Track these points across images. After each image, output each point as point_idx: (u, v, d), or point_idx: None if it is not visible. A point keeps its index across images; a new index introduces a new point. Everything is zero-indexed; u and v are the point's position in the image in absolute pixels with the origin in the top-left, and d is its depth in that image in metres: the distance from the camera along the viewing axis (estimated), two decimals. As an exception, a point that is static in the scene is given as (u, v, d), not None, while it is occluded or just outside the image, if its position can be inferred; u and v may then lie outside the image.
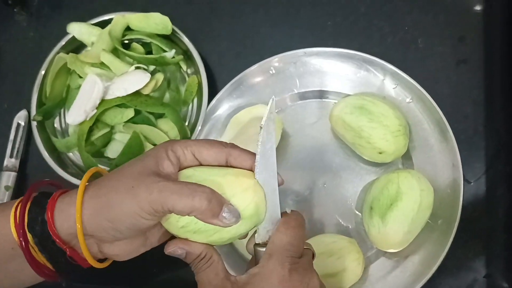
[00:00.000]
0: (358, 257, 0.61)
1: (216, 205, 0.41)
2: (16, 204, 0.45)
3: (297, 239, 0.45)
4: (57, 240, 0.43)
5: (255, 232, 0.46)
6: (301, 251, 0.46)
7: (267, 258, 0.44)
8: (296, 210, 0.48)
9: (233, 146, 0.46)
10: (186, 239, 0.44)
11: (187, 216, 0.42)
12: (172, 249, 0.44)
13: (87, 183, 0.45)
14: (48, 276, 0.46)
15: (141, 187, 0.41)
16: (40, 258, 0.44)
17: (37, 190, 0.47)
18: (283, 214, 0.46)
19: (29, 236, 0.43)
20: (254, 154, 0.44)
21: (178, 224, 0.43)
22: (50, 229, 0.43)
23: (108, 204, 0.42)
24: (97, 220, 0.43)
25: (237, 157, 0.45)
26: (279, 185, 0.46)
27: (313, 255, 0.49)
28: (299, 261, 0.45)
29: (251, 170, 0.44)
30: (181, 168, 0.45)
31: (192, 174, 0.44)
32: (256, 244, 0.46)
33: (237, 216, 0.42)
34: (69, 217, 0.43)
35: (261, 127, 0.43)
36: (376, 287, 0.63)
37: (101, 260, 0.47)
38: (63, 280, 0.47)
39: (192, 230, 0.43)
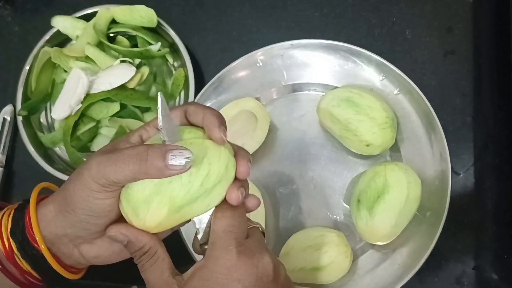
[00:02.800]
0: (346, 250, 0.61)
1: (156, 158, 0.38)
2: (2, 213, 0.44)
3: (236, 219, 0.41)
4: (35, 245, 0.42)
5: (196, 233, 0.43)
6: (245, 230, 0.42)
7: (210, 248, 0.41)
8: None
9: (189, 103, 0.44)
10: (127, 224, 0.41)
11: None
12: (113, 233, 0.41)
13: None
14: (31, 284, 0.45)
15: (84, 168, 0.40)
16: (25, 266, 0.43)
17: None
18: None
19: (12, 243, 0.43)
20: (205, 110, 0.42)
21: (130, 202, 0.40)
22: (29, 233, 0.42)
23: (65, 197, 0.41)
24: (62, 217, 0.42)
25: (192, 113, 0.43)
26: (241, 178, 0.42)
27: (263, 233, 0.46)
28: (245, 242, 0.41)
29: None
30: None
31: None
32: (202, 244, 0.43)
33: (187, 155, 0.38)
34: (48, 219, 0.43)
35: (159, 129, 0.40)
36: (365, 280, 0.63)
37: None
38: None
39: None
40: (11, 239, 0.43)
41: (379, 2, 0.73)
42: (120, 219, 0.42)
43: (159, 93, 0.41)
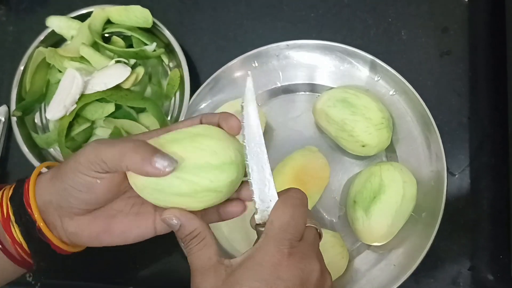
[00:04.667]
0: (342, 251, 0.61)
1: (145, 154, 0.40)
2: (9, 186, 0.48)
3: (296, 218, 0.42)
4: (29, 210, 0.45)
5: (255, 212, 0.44)
6: (302, 231, 0.43)
7: (263, 239, 0.41)
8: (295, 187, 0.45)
9: (203, 114, 0.47)
10: (180, 209, 0.43)
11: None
12: (167, 215, 0.43)
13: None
14: (22, 261, 0.47)
15: (80, 150, 0.43)
16: (17, 235, 0.46)
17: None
18: (281, 193, 0.44)
19: (10, 208, 0.46)
20: (219, 114, 0.46)
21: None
22: (25, 199, 0.45)
23: (59, 169, 0.45)
24: (51, 184, 0.45)
25: (207, 117, 0.46)
26: (237, 131, 0.45)
27: (320, 235, 0.46)
28: (298, 245, 0.42)
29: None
30: None
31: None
32: (257, 225, 0.44)
33: (170, 161, 0.40)
34: (41, 186, 0.46)
35: (242, 106, 0.43)
36: (361, 281, 0.63)
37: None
38: (35, 267, 0.48)
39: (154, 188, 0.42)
40: (9, 205, 0.46)
41: (375, 2, 0.73)
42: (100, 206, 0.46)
43: (248, 72, 0.44)
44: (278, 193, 0.44)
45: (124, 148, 0.41)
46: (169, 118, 0.70)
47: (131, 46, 0.69)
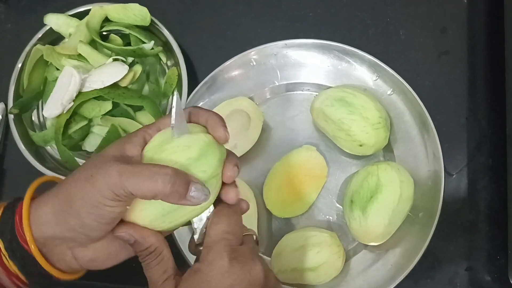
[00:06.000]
0: (338, 250, 0.61)
1: (181, 186, 0.39)
2: None
3: (232, 226, 0.43)
4: (25, 245, 0.42)
5: (193, 233, 0.44)
6: (240, 236, 0.43)
7: (205, 252, 0.42)
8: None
9: (192, 107, 0.45)
10: (135, 225, 0.41)
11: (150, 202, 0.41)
12: (121, 233, 0.41)
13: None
14: None
15: (100, 173, 0.39)
16: (12, 267, 0.42)
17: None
18: (215, 205, 0.44)
19: (0, 244, 0.42)
20: (209, 112, 0.44)
21: (142, 213, 0.41)
22: (18, 234, 0.42)
23: (69, 199, 0.40)
24: (62, 219, 0.41)
25: (196, 114, 0.44)
26: (227, 181, 0.43)
27: (257, 242, 0.47)
28: (239, 249, 0.42)
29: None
30: None
31: (153, 154, 0.42)
32: (197, 245, 0.44)
33: (206, 193, 0.40)
34: (43, 221, 0.42)
35: (172, 127, 0.41)
36: (357, 281, 0.63)
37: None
38: None
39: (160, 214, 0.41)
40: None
41: (373, 2, 0.73)
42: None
43: (175, 93, 0.41)
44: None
45: (162, 178, 0.38)
46: (166, 116, 0.70)
47: (129, 44, 0.69)
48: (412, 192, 0.61)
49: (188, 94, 0.67)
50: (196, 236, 0.44)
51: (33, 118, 0.71)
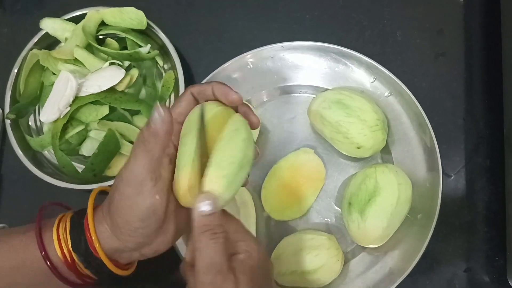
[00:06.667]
0: (337, 253, 0.61)
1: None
2: (55, 227, 0.47)
3: (217, 257, 0.42)
4: (100, 257, 0.45)
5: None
6: (225, 261, 0.42)
7: (192, 283, 0.42)
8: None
9: (190, 86, 0.47)
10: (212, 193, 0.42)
11: None
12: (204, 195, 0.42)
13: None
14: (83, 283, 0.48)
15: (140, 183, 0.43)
16: (85, 271, 0.47)
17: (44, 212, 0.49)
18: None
19: (74, 256, 0.46)
20: (210, 83, 0.46)
21: None
22: (91, 247, 0.45)
23: (116, 211, 0.44)
24: (118, 233, 0.45)
25: (200, 93, 0.46)
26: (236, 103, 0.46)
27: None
28: (230, 267, 0.42)
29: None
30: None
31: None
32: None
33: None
34: (105, 236, 0.46)
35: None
36: (356, 283, 0.63)
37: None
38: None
39: None
40: (73, 253, 0.46)
41: (370, 4, 0.72)
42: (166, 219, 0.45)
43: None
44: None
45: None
46: (164, 120, 0.69)
47: (125, 48, 0.69)
48: (410, 194, 0.61)
49: (185, 98, 0.67)
50: (187, 255, 0.45)
51: (30, 123, 0.71)
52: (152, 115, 0.42)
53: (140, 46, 0.68)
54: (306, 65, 0.69)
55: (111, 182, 0.62)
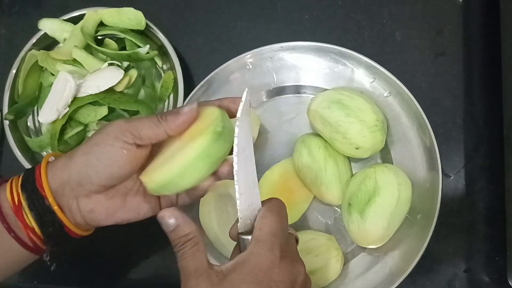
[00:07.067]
0: (337, 254, 0.61)
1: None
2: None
3: (282, 225, 0.44)
4: (43, 193, 0.46)
5: (237, 220, 0.45)
6: (287, 237, 0.45)
7: (254, 244, 0.43)
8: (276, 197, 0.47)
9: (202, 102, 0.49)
10: (180, 211, 0.44)
11: None
12: (166, 214, 0.43)
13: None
14: (34, 247, 0.47)
15: (107, 124, 0.47)
16: (30, 220, 0.46)
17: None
18: (264, 202, 0.46)
19: (21, 196, 0.46)
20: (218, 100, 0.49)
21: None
22: (38, 183, 0.46)
23: (80, 149, 0.46)
24: (73, 160, 0.46)
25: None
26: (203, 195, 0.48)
27: (297, 241, 0.49)
28: (287, 249, 0.44)
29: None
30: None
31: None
32: (240, 233, 0.45)
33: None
34: (59, 168, 0.47)
35: (237, 120, 0.42)
36: (356, 284, 0.63)
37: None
38: (48, 253, 0.49)
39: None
40: (20, 193, 0.46)
41: (369, 4, 0.72)
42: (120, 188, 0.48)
43: (246, 89, 0.44)
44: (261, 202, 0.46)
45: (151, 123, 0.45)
46: (162, 120, 0.69)
47: (124, 48, 0.69)
48: (410, 194, 0.61)
49: (184, 98, 0.67)
50: (239, 225, 0.44)
51: (28, 124, 0.71)
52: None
53: (139, 47, 0.68)
54: (305, 65, 0.69)
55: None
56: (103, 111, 0.65)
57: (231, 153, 0.45)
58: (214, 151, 0.44)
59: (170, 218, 0.43)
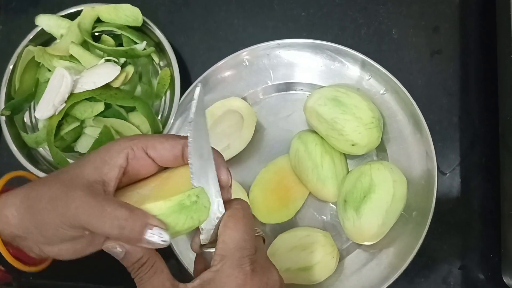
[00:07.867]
0: (332, 250, 0.61)
1: (133, 232, 0.37)
2: None
3: (248, 232, 0.40)
4: None
5: (199, 231, 0.41)
6: (254, 243, 0.41)
7: (220, 260, 0.39)
8: (238, 198, 0.43)
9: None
10: None
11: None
12: (110, 245, 0.39)
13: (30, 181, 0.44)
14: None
15: (62, 200, 0.39)
16: None
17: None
18: (226, 204, 0.42)
19: None
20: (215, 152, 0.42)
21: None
22: None
23: (34, 211, 0.41)
24: (26, 224, 0.41)
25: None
26: (225, 185, 0.42)
27: (264, 241, 0.45)
28: (256, 259, 0.40)
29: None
30: (130, 167, 0.42)
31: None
32: (202, 245, 0.42)
33: (164, 239, 0.38)
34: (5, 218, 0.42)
35: (190, 122, 0.38)
36: (351, 280, 0.63)
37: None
38: (15, 280, 0.46)
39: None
40: None
41: (366, 2, 0.72)
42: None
43: (199, 85, 0.40)
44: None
45: (105, 226, 0.38)
46: (159, 117, 0.70)
47: (121, 45, 0.69)
48: (406, 192, 0.61)
49: (181, 95, 0.67)
50: (202, 236, 0.41)
51: (25, 120, 0.71)
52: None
53: (136, 43, 0.68)
54: (302, 62, 0.69)
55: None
56: (100, 107, 0.65)
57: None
58: (171, 221, 0.39)
59: (115, 248, 0.39)
